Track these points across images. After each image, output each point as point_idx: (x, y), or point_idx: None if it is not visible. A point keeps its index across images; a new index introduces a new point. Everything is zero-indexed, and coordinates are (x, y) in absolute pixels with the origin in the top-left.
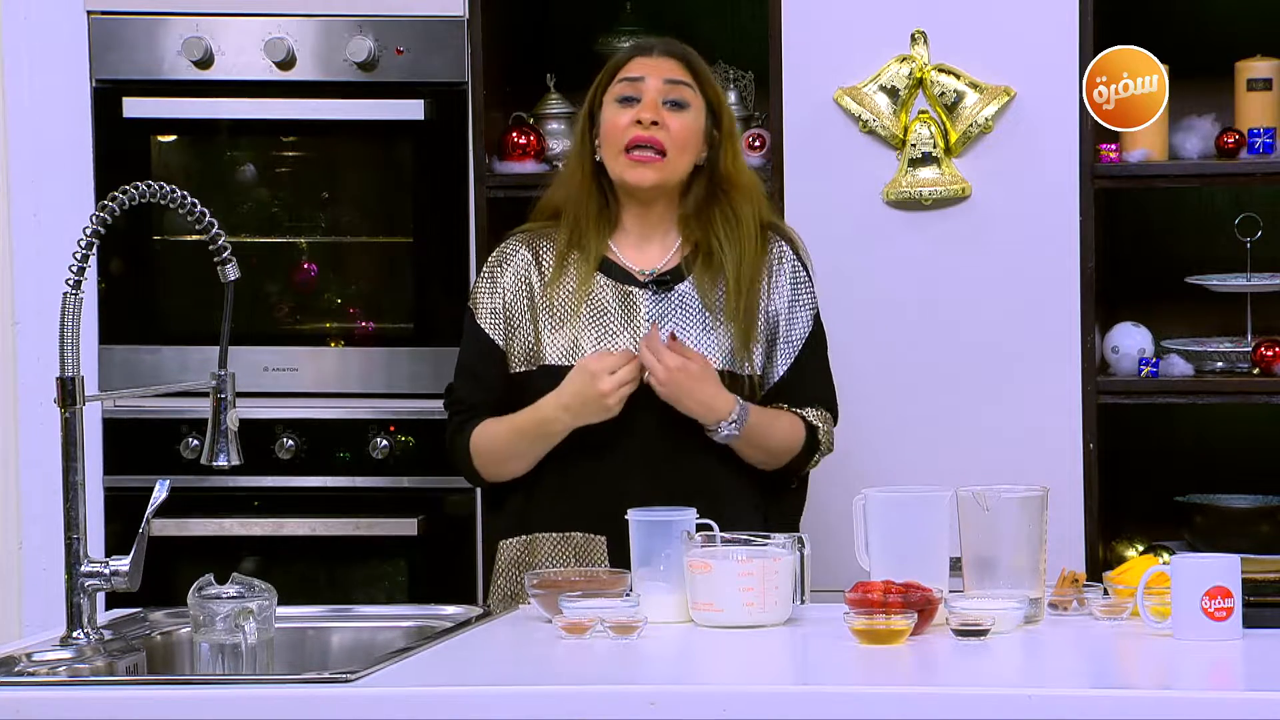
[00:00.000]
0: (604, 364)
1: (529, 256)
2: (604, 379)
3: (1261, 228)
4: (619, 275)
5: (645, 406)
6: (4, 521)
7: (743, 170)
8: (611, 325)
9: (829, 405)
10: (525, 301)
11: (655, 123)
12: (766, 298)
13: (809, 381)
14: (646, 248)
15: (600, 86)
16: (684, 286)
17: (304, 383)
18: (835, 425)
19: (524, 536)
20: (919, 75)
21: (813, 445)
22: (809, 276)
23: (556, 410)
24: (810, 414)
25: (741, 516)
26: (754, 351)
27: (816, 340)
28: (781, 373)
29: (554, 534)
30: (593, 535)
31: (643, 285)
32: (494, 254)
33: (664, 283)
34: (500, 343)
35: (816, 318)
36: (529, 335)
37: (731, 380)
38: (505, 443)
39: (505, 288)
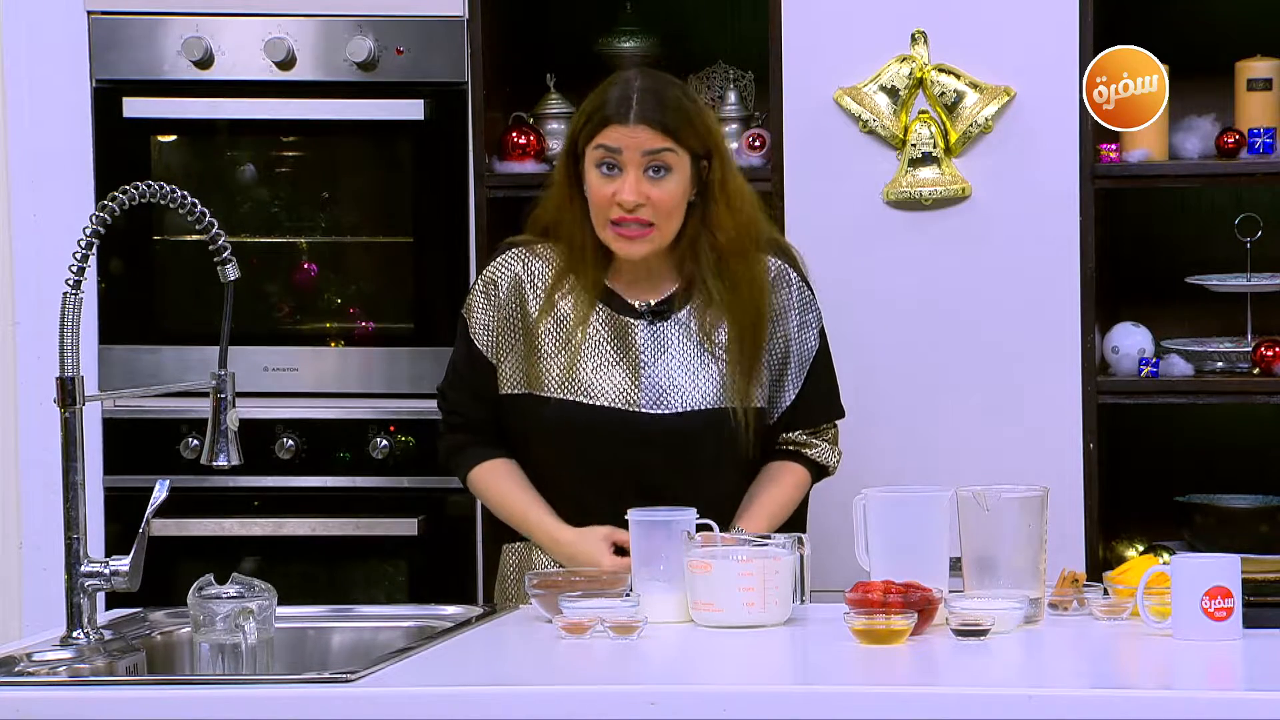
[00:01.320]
0: (618, 566)
1: (523, 276)
2: (612, 563)
3: (1261, 228)
4: (616, 305)
5: (635, 442)
6: (4, 521)
7: (735, 205)
8: (607, 356)
9: (836, 414)
10: (518, 324)
11: (639, 204)
12: (774, 324)
13: (818, 402)
14: (641, 282)
15: (579, 133)
16: (680, 317)
17: (304, 383)
18: (840, 419)
19: (526, 541)
20: (919, 75)
21: (822, 477)
22: (813, 293)
23: (553, 548)
24: (819, 450)
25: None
26: (756, 389)
27: (823, 356)
28: (792, 398)
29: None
30: None
31: (639, 315)
32: (488, 269)
33: (660, 313)
34: (491, 359)
35: (822, 332)
36: (520, 358)
37: (723, 417)
38: (496, 505)
39: (499, 306)
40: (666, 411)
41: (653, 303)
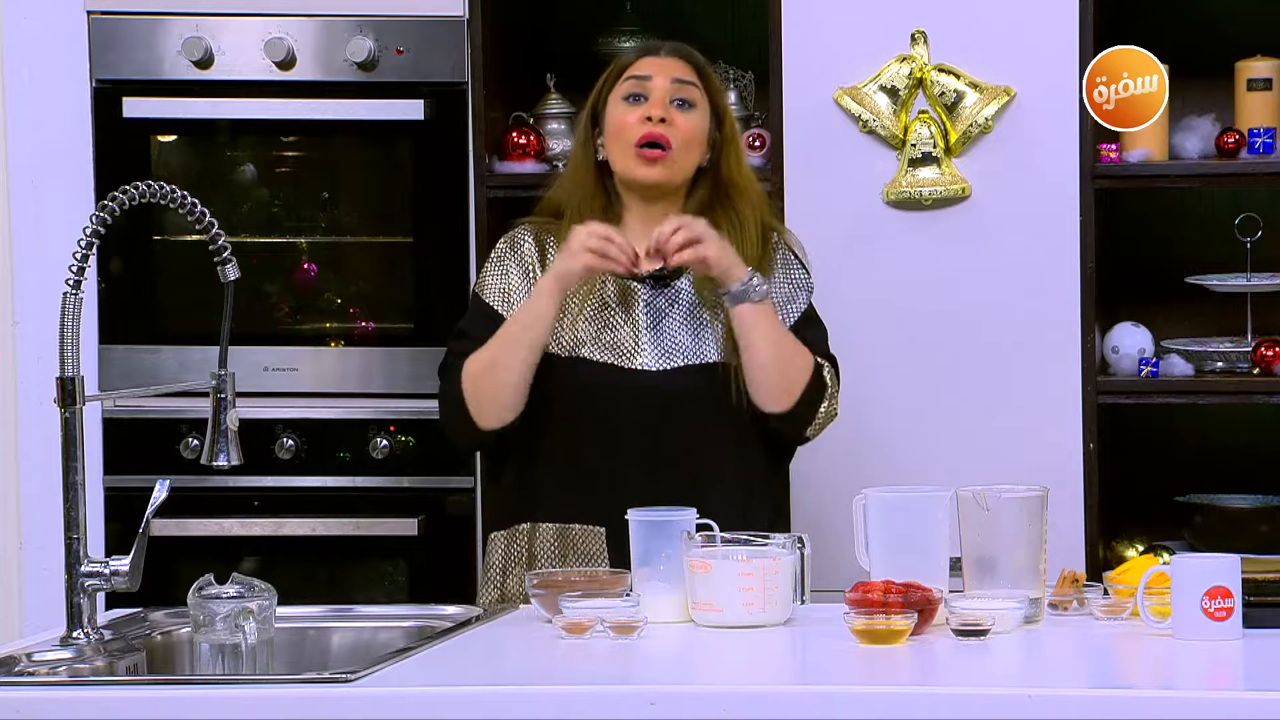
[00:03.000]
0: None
1: (536, 246)
2: (586, 231)
3: (1261, 228)
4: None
5: (639, 398)
6: (4, 521)
7: (745, 174)
8: (612, 318)
9: (826, 355)
10: (530, 287)
11: (664, 119)
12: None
13: (810, 344)
14: (646, 245)
15: (605, 86)
16: (682, 283)
17: (304, 383)
18: (839, 391)
19: (519, 527)
20: (919, 75)
21: (820, 383)
22: (802, 263)
23: (548, 282)
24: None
25: (728, 498)
26: None
27: (812, 315)
28: None
29: (553, 525)
30: (592, 527)
31: (642, 280)
32: (503, 240)
33: (662, 278)
34: (505, 316)
35: (810, 305)
36: None
37: (724, 371)
38: (493, 349)
39: (512, 271)
40: (667, 367)
41: (653, 270)
